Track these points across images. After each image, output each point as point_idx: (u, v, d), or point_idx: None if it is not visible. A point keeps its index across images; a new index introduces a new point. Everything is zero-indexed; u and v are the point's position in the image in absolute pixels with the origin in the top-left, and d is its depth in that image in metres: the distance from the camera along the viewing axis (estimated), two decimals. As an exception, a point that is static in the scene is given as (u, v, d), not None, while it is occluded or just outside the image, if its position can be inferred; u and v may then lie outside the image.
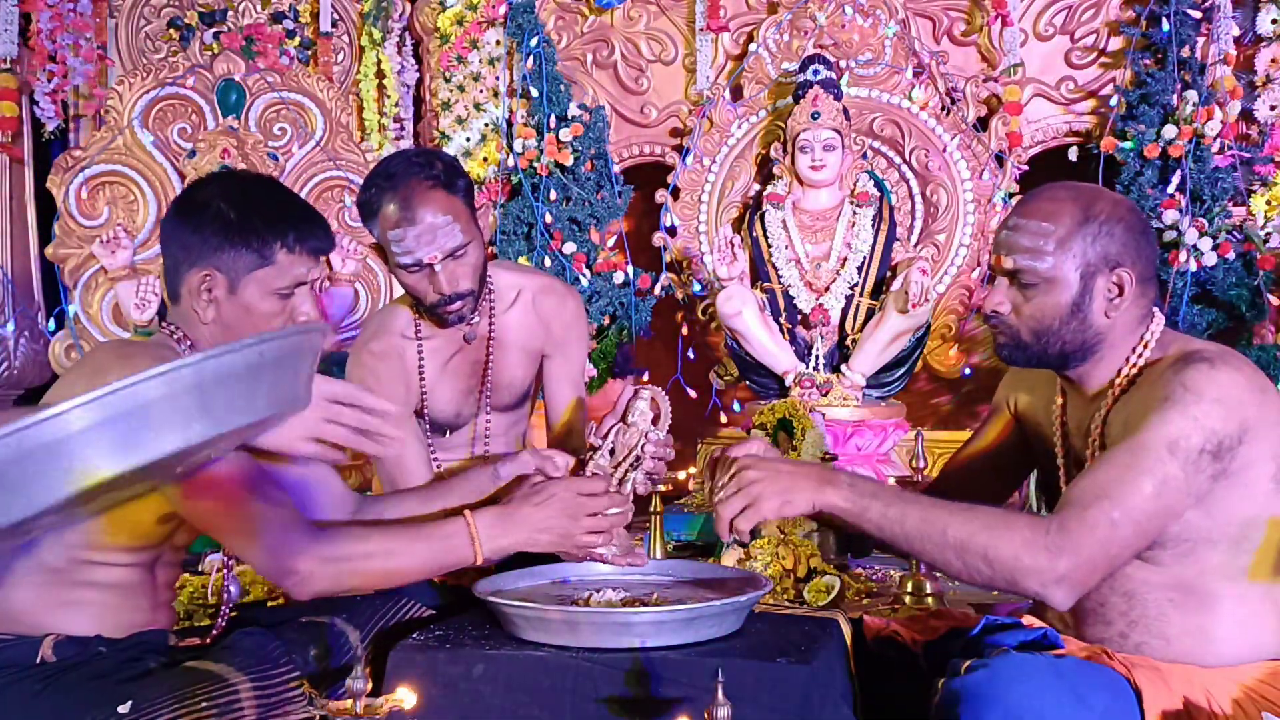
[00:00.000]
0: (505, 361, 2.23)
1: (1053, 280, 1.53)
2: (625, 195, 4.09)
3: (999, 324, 1.60)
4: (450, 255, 2.00)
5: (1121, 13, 3.85)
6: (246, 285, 1.62)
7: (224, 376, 1.01)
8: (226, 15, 4.30)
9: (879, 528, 1.46)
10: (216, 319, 1.64)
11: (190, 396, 0.99)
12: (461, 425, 2.25)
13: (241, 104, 4.08)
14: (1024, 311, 1.56)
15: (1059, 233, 1.53)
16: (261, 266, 1.62)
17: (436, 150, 2.53)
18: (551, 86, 4.04)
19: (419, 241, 1.98)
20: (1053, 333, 1.55)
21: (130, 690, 1.46)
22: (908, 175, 3.89)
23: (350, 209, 4.12)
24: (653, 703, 1.40)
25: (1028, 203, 1.60)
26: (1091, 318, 1.54)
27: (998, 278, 1.60)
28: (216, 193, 1.66)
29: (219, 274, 1.62)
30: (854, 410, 3.44)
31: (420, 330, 2.18)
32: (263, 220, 1.63)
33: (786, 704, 1.39)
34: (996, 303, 1.58)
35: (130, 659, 1.57)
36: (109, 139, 4.05)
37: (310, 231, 1.67)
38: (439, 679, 1.49)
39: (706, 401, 3.97)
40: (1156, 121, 3.63)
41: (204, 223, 1.62)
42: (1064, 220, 1.53)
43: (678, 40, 4.23)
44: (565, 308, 2.30)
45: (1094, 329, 1.54)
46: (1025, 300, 1.56)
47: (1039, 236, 1.53)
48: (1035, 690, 1.30)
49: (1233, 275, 3.54)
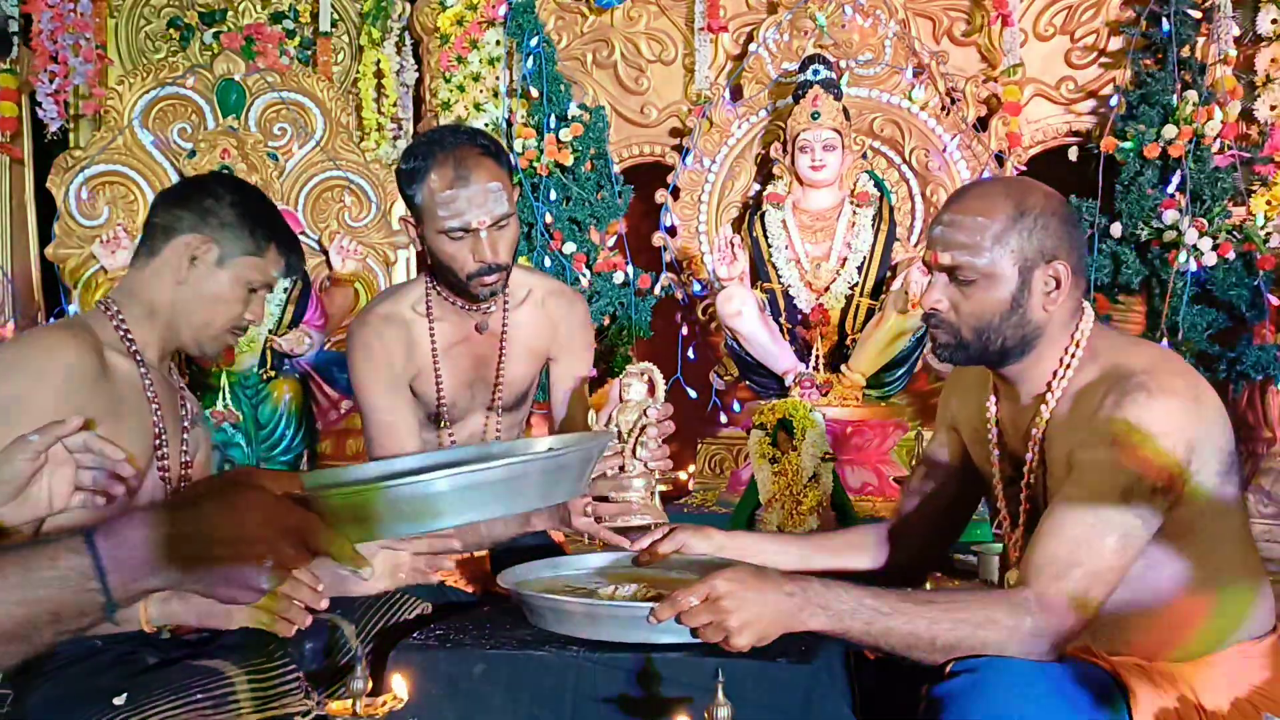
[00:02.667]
0: (513, 357, 2.24)
1: (991, 275, 1.51)
2: (625, 195, 4.09)
3: (938, 322, 1.57)
4: (496, 223, 2.01)
5: (1121, 13, 3.85)
6: (233, 264, 1.78)
7: (541, 472, 1.20)
8: (226, 15, 4.31)
9: (863, 644, 1.42)
10: (188, 282, 1.76)
11: (517, 483, 1.17)
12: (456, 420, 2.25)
13: (241, 104, 4.09)
14: (963, 309, 1.54)
15: (995, 227, 1.50)
16: (252, 254, 1.79)
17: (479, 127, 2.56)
18: (551, 86, 4.04)
19: (470, 203, 1.98)
20: (993, 329, 1.53)
21: (126, 684, 1.47)
22: (908, 175, 3.90)
23: (350, 208, 4.13)
24: (653, 703, 1.40)
25: (961, 198, 1.57)
26: (1030, 312, 1.52)
27: (934, 274, 1.58)
28: (237, 187, 1.86)
29: (215, 245, 1.76)
30: (854, 410, 3.43)
31: (431, 310, 2.19)
32: (266, 220, 1.82)
33: (786, 704, 1.39)
34: (934, 300, 1.55)
35: (126, 654, 1.57)
36: (109, 139, 4.05)
37: (293, 247, 1.87)
38: (439, 679, 1.49)
39: (706, 401, 3.97)
40: (1156, 121, 3.63)
41: (219, 203, 1.79)
42: (999, 214, 1.51)
43: (678, 40, 4.23)
44: (574, 311, 2.31)
45: (1033, 323, 1.53)
46: (964, 297, 1.53)
47: (975, 231, 1.51)
48: (1019, 693, 1.30)
49: (1233, 275, 3.54)
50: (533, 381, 2.31)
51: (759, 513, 2.25)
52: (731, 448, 3.79)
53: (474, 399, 2.24)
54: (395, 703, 1.25)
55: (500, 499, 1.13)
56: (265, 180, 3.97)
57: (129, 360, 1.72)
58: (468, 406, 2.25)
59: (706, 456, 3.83)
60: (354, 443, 3.80)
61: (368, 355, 2.14)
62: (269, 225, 1.81)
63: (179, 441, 1.81)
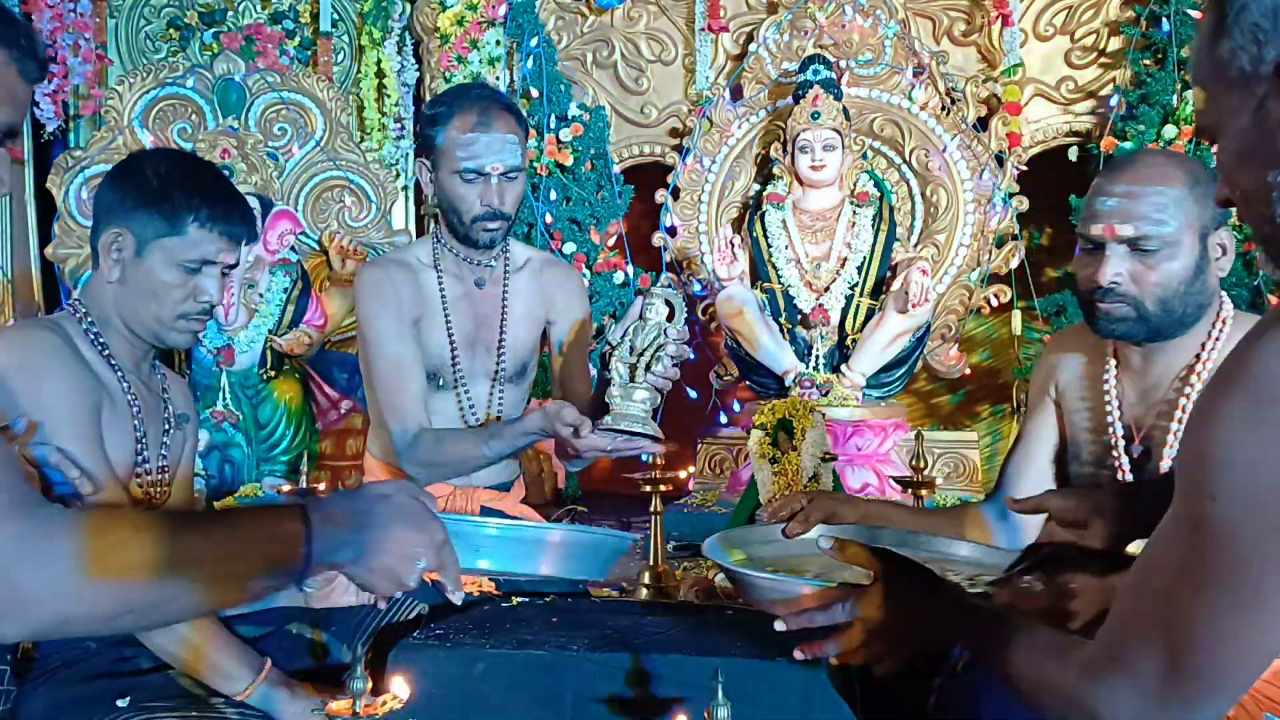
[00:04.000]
0: (513, 320, 2.28)
1: (1176, 243, 1.51)
2: (625, 195, 4.09)
3: (1118, 296, 1.55)
4: (507, 173, 2.14)
5: (1121, 13, 3.86)
6: (153, 251, 1.64)
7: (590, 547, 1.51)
8: (226, 15, 4.31)
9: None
10: (120, 280, 1.65)
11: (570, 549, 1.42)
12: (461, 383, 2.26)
13: (241, 104, 4.09)
14: (1147, 280, 1.52)
15: (1176, 194, 1.50)
16: (169, 235, 1.64)
17: None
18: (551, 86, 4.04)
19: (488, 149, 2.11)
20: (1178, 298, 1.52)
21: (124, 686, 1.46)
22: (908, 175, 3.90)
23: (350, 208, 4.13)
24: (653, 703, 1.40)
25: (1129, 168, 1.56)
26: (1209, 279, 1.53)
27: (1108, 248, 1.54)
28: (147, 162, 1.71)
29: (129, 234, 1.64)
30: (854, 410, 3.43)
31: (439, 263, 2.26)
32: (181, 192, 1.64)
33: (786, 704, 1.39)
34: (1115, 274, 1.53)
35: (122, 658, 1.56)
36: (109, 139, 4.05)
37: (225, 214, 1.67)
38: (439, 678, 1.49)
39: (706, 401, 3.97)
40: (1156, 121, 3.63)
41: (127, 186, 1.66)
42: (1177, 182, 1.51)
43: (678, 40, 4.23)
44: (570, 279, 2.41)
45: (1209, 291, 1.54)
46: (1148, 268, 1.52)
47: (1158, 200, 1.50)
48: None
49: (1233, 275, 3.54)
50: (533, 351, 2.33)
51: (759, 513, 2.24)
52: (731, 448, 3.79)
53: (475, 361, 2.26)
54: (395, 703, 1.25)
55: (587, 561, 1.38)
56: (265, 180, 3.97)
57: (103, 362, 1.65)
58: (470, 369, 2.26)
59: (706, 456, 3.83)
60: (354, 443, 3.80)
61: (377, 291, 2.20)
62: (185, 199, 1.64)
63: (159, 445, 1.73)
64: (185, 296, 1.65)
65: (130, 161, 1.74)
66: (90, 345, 1.65)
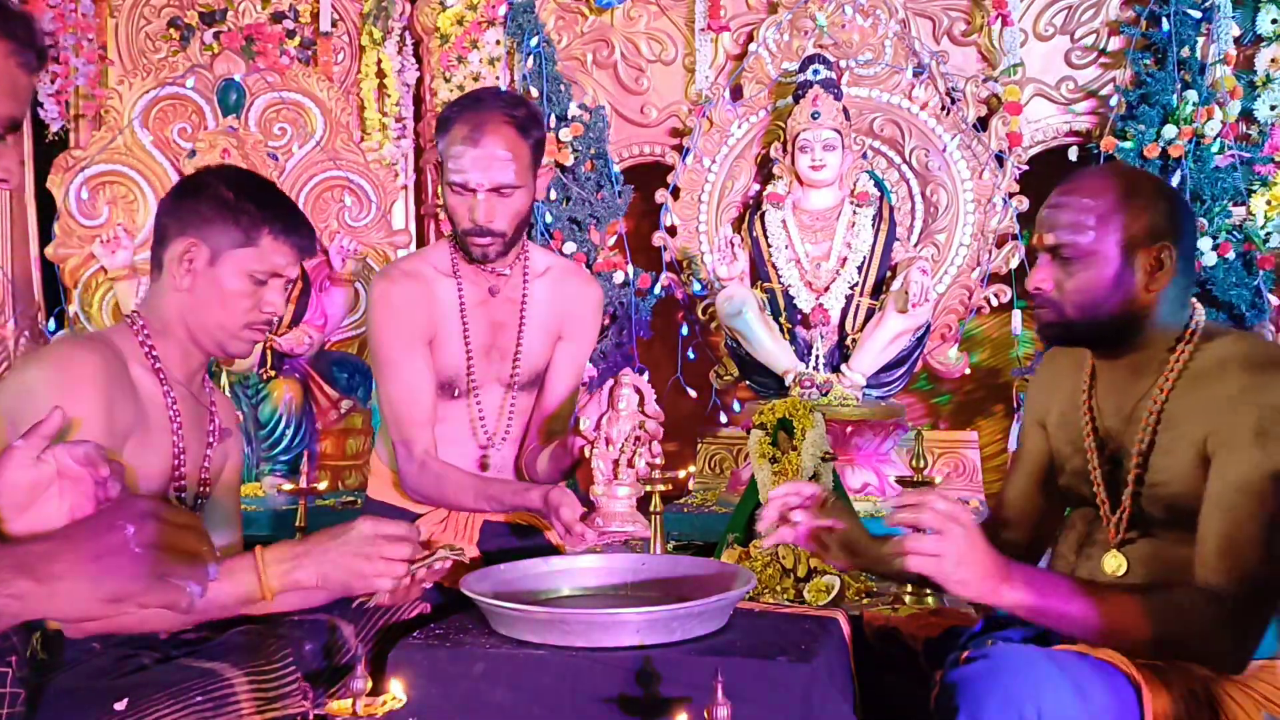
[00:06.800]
0: (531, 327, 2.26)
1: (1094, 254, 1.54)
2: (625, 195, 4.09)
3: (1043, 301, 1.60)
4: (496, 190, 2.08)
5: (1121, 13, 3.85)
6: (226, 261, 1.71)
7: None
8: (226, 15, 4.31)
9: (1058, 625, 1.43)
10: (190, 289, 1.71)
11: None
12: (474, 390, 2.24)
13: (241, 104, 4.08)
14: (1067, 287, 1.57)
15: (1100, 207, 1.54)
16: (244, 245, 1.71)
17: (529, 100, 2.61)
18: (551, 86, 4.04)
19: (474, 164, 2.06)
20: (1097, 307, 1.55)
21: (125, 687, 1.46)
22: (908, 175, 3.89)
23: (350, 209, 4.13)
24: (653, 703, 1.40)
25: (1070, 182, 1.61)
26: (1135, 293, 1.55)
27: (1039, 256, 1.61)
28: (217, 176, 1.79)
29: (203, 245, 1.71)
30: (854, 410, 3.43)
31: (458, 269, 2.22)
32: (255, 205, 1.73)
33: (786, 703, 1.39)
34: (1039, 280, 1.59)
35: (124, 656, 1.57)
36: (109, 139, 4.05)
37: (295, 228, 1.77)
38: (439, 678, 1.49)
39: (706, 401, 3.97)
40: (1156, 121, 3.63)
41: (201, 198, 1.72)
42: (1106, 195, 1.55)
43: (678, 40, 4.23)
44: (587, 292, 2.36)
45: (1138, 304, 1.55)
46: (1068, 276, 1.56)
47: (1079, 212, 1.55)
48: (1034, 681, 1.31)
49: (1233, 275, 3.54)
50: (546, 362, 2.32)
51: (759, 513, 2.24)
52: (731, 448, 3.79)
53: (490, 367, 2.25)
54: (395, 703, 1.25)
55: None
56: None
57: (152, 376, 1.70)
58: (484, 376, 2.25)
59: (706, 456, 3.83)
60: (354, 442, 3.80)
61: (388, 306, 2.17)
62: (260, 213, 1.73)
63: (200, 458, 1.78)
64: (252, 306, 1.73)
65: (200, 176, 1.81)
66: (142, 359, 1.69)
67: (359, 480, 3.71)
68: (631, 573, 1.79)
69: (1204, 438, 1.48)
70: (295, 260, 1.77)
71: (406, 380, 2.16)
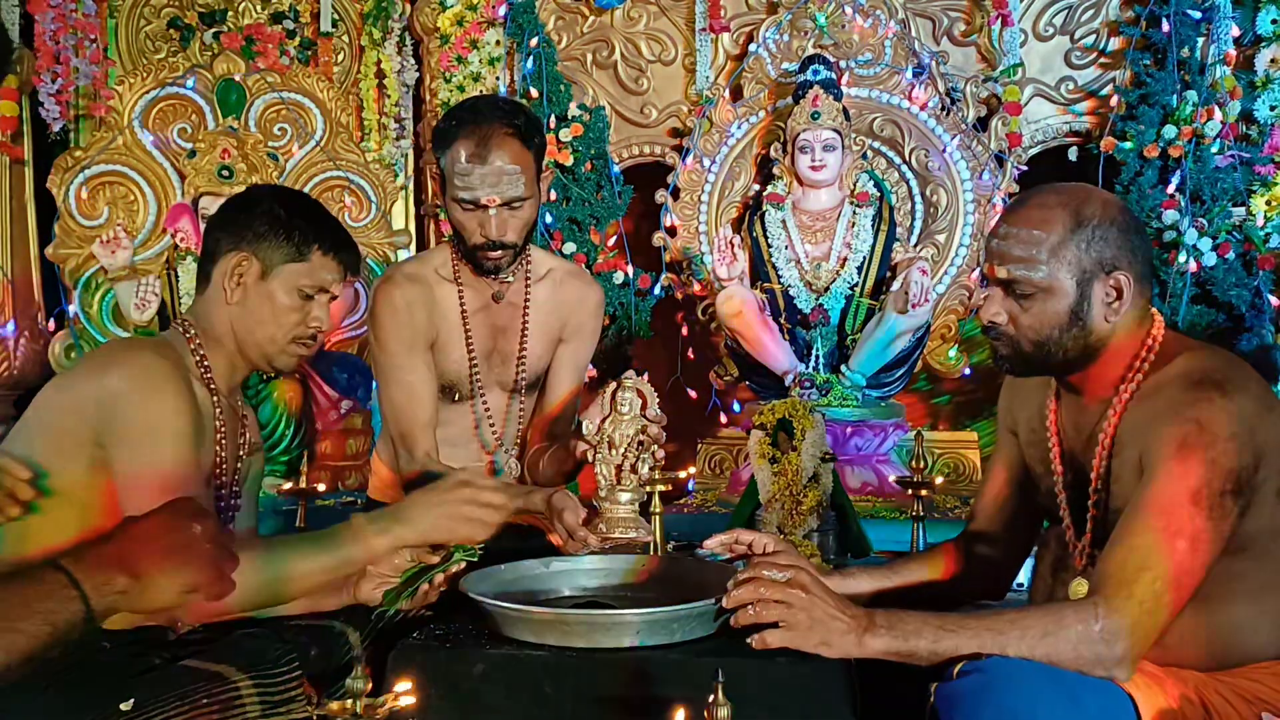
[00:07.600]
0: (534, 330, 2.25)
1: (1049, 289, 1.49)
2: (625, 195, 4.09)
3: (997, 335, 1.56)
4: (507, 204, 2.07)
5: (1121, 13, 3.86)
6: (277, 275, 1.75)
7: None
8: (226, 15, 4.31)
9: (932, 663, 1.40)
10: (241, 302, 1.75)
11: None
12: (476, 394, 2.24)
13: (241, 104, 4.09)
14: (1022, 321, 1.53)
15: (1051, 240, 1.49)
16: (296, 261, 1.76)
17: (522, 103, 2.59)
18: (551, 86, 4.04)
19: (483, 181, 2.04)
20: (1053, 341, 1.52)
21: (133, 687, 1.46)
22: (908, 175, 3.90)
23: (350, 209, 4.13)
24: (653, 703, 1.40)
25: (1017, 209, 1.55)
26: (1092, 323, 1.51)
27: (992, 286, 1.56)
28: (271, 195, 1.85)
29: (255, 259, 1.75)
30: (854, 410, 3.43)
31: (459, 275, 2.21)
32: (307, 222, 1.78)
33: (786, 704, 1.39)
34: (993, 314, 1.54)
35: (133, 655, 1.57)
36: (109, 139, 4.05)
37: (344, 245, 1.83)
38: (439, 679, 1.49)
39: (706, 401, 3.97)
40: (1156, 122, 3.63)
41: (255, 214, 1.77)
42: (1056, 227, 1.49)
43: (678, 40, 4.23)
44: (589, 295, 2.34)
45: (1096, 334, 1.51)
46: (1022, 310, 1.52)
47: (1031, 245, 1.49)
48: (1028, 693, 1.30)
49: (1233, 275, 3.54)
50: (548, 365, 2.32)
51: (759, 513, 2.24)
52: (731, 448, 3.79)
53: (493, 371, 2.25)
54: (395, 703, 1.25)
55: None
56: (265, 181, 3.97)
57: (204, 387, 1.73)
58: (487, 380, 2.25)
59: (706, 456, 3.83)
60: (354, 442, 3.80)
61: (391, 310, 2.16)
62: (310, 229, 1.77)
63: (234, 469, 1.81)
64: (299, 321, 1.78)
65: (252, 193, 1.87)
66: (194, 368, 1.74)
67: (359, 480, 3.71)
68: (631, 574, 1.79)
69: (1139, 457, 1.45)
70: (342, 277, 1.82)
71: (408, 383, 2.15)
